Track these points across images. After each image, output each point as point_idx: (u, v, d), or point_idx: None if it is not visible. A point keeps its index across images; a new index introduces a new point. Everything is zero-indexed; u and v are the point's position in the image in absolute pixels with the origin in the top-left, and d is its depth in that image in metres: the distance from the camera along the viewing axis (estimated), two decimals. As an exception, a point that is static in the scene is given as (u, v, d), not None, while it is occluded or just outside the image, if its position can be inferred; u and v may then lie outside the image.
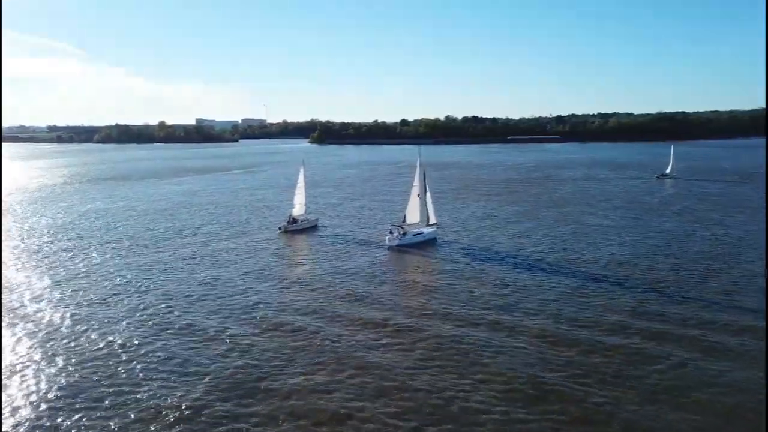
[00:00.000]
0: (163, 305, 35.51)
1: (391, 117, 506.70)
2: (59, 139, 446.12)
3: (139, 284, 40.31)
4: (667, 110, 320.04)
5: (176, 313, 34.10)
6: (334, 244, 53.55)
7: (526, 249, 49.30)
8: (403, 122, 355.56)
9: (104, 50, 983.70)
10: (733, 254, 45.78)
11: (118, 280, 41.45)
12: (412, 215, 54.97)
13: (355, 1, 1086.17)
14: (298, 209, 62.91)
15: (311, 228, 61.98)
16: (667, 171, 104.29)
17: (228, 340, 29.69)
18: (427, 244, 52.52)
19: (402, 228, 53.30)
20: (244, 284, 39.94)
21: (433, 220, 55.05)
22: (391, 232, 52.93)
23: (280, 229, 60.35)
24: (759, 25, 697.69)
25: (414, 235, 53.06)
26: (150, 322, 32.65)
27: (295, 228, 60.68)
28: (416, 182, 54.92)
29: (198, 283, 40.56)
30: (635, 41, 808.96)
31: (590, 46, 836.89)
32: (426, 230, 54.43)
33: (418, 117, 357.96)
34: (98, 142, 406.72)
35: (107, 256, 49.17)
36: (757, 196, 77.57)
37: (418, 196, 54.62)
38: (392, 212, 70.49)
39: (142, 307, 35.34)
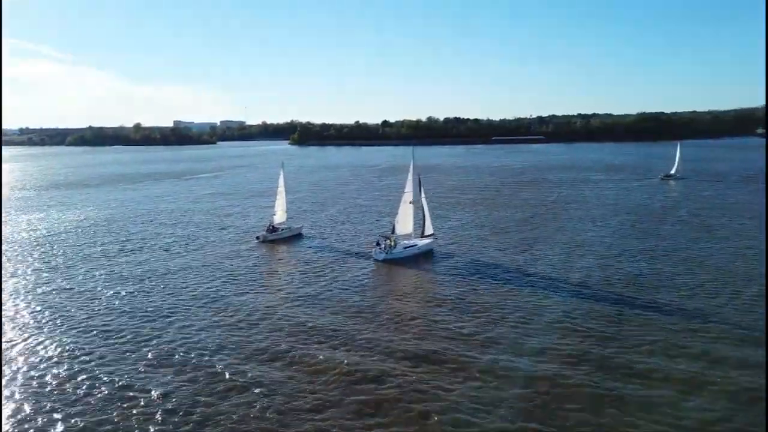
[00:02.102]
0: (133, 334, 29.68)
1: (373, 118, 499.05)
2: (30, 142, 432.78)
3: (100, 310, 32.75)
4: (646, 111, 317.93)
5: (147, 345, 28.33)
6: (317, 257, 46.95)
7: (528, 264, 42.54)
8: (385, 123, 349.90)
9: (86, 54, 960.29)
10: (756, 270, 39.39)
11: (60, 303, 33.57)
12: (404, 225, 47.90)
13: (337, 2, 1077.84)
14: (279, 216, 56.59)
15: (294, 237, 55.64)
16: (672, 172, 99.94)
17: (222, 374, 24.77)
18: (422, 257, 45.94)
19: (389, 239, 46.41)
20: (224, 309, 33.61)
21: (429, 230, 48.24)
22: (378, 244, 46.16)
23: (258, 238, 53.85)
24: (736, 26, 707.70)
25: (405, 247, 46.33)
26: (126, 350, 27.63)
27: (275, 237, 54.25)
28: (409, 187, 47.90)
29: (167, 307, 33.70)
30: (615, 43, 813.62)
31: (570, 47, 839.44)
32: (420, 242, 47.65)
33: (400, 118, 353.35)
34: (71, 144, 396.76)
35: (39, 277, 41.04)
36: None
37: (411, 202, 47.66)
38: (372, 222, 63.63)
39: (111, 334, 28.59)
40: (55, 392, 23.47)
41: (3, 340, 29.17)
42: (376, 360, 25.79)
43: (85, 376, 24.66)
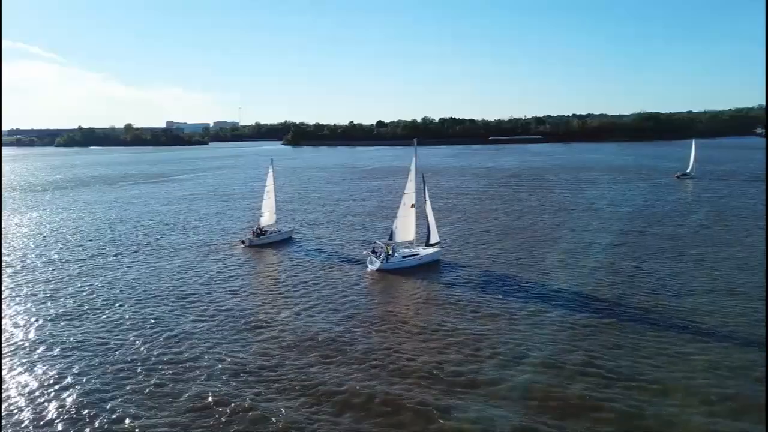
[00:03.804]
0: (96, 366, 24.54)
1: (368, 119, 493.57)
2: (18, 143, 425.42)
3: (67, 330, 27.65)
4: (641, 111, 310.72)
5: (133, 364, 25.11)
6: (310, 266, 42.45)
7: (537, 276, 37.42)
8: (380, 124, 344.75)
9: (79, 55, 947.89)
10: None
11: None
12: (404, 231, 42.50)
13: (331, 3, 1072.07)
14: (267, 218, 51.87)
15: (283, 241, 51.14)
16: (688, 171, 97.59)
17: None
18: (425, 267, 40.71)
19: (387, 246, 40.97)
20: (202, 329, 29.38)
21: (434, 238, 42.78)
22: (374, 251, 41.01)
23: (243, 242, 49.40)
24: (732, 27, 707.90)
25: (404, 257, 41.10)
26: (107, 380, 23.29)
27: (263, 241, 49.69)
28: (410, 188, 42.44)
29: (149, 323, 29.66)
30: (609, 45, 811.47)
31: (564, 48, 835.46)
32: (423, 251, 42.22)
33: (395, 119, 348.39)
34: (60, 145, 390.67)
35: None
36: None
37: (413, 205, 42.20)
38: (366, 226, 58.28)
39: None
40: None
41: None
42: (378, 378, 23.50)
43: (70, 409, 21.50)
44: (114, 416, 20.68)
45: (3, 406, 21.67)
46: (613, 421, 19.73)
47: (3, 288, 37.02)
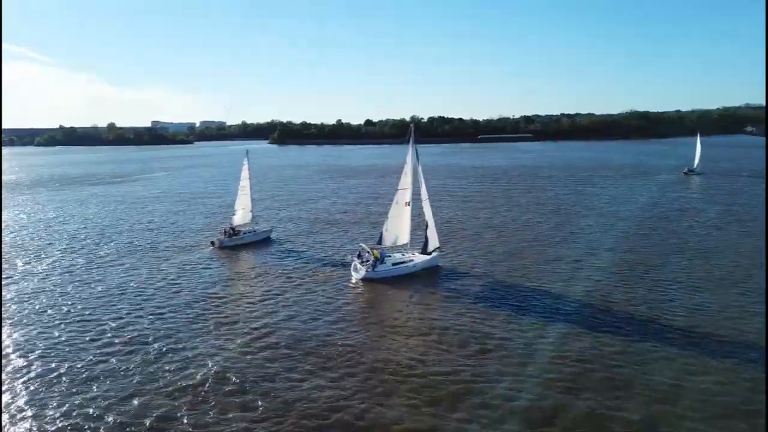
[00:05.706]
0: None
1: (356, 119, 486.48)
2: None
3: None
4: (630, 110, 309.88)
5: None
6: (286, 271, 37.52)
7: (550, 286, 32.80)
8: (368, 122, 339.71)
9: (70, 55, 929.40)
10: None
11: None
12: (396, 233, 37.36)
13: (319, 4, 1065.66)
14: (240, 216, 47.07)
15: (260, 242, 46.39)
16: (694, 167, 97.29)
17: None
18: (419, 275, 35.75)
19: (374, 252, 35.60)
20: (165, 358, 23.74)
21: (434, 243, 37.45)
22: (359, 256, 35.74)
23: (213, 243, 44.50)
24: (721, 28, 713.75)
25: (395, 264, 35.81)
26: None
27: (235, 242, 44.83)
28: (405, 183, 37.17)
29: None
30: (599, 45, 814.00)
31: (554, 48, 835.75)
32: (418, 258, 36.85)
33: (383, 118, 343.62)
34: (40, 145, 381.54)
35: None
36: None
37: (408, 204, 37.00)
38: (353, 227, 53.37)
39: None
40: None
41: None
42: (361, 394, 20.86)
43: None
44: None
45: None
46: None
47: None
